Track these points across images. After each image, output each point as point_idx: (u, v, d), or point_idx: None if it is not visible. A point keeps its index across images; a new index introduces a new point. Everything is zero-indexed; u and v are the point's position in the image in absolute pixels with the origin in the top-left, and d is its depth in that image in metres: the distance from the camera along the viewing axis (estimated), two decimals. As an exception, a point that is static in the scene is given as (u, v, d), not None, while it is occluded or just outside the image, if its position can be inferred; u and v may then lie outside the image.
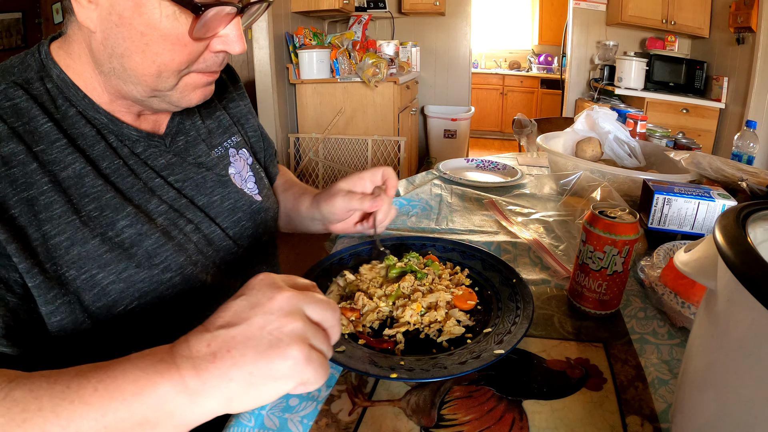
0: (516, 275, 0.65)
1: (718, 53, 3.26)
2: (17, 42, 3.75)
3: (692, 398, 0.33)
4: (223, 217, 0.64)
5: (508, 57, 6.04)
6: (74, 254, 0.48)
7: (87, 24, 0.48)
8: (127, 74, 0.51)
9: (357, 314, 0.59)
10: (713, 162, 0.91)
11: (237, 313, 0.36)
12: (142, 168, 0.57)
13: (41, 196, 0.47)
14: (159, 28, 0.47)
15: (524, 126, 1.87)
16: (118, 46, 0.49)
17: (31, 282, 0.45)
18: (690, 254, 0.36)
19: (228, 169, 0.67)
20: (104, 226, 0.51)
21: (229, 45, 0.52)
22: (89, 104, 0.54)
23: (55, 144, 0.50)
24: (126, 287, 0.51)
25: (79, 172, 0.51)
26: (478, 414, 0.47)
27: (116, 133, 0.56)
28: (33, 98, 0.51)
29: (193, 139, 0.65)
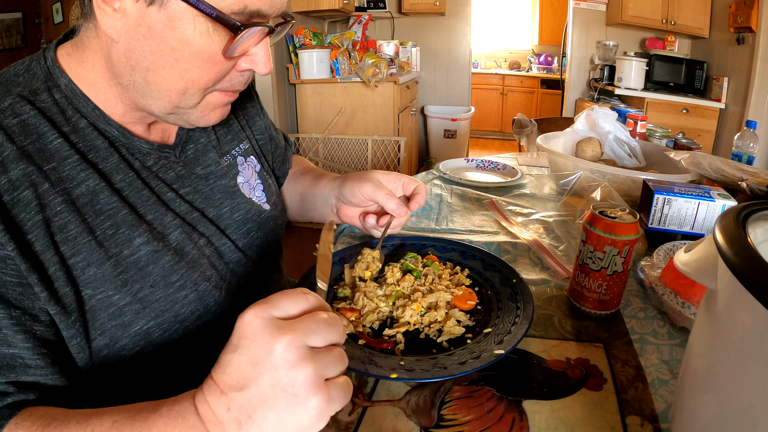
0: (516, 275, 0.65)
1: (718, 53, 3.26)
2: (17, 42, 3.75)
3: (692, 398, 0.33)
4: (233, 229, 0.63)
5: (508, 57, 6.04)
6: (90, 275, 0.47)
7: (110, 33, 0.46)
8: (149, 88, 0.49)
9: (357, 314, 0.59)
10: (713, 162, 0.91)
11: (241, 372, 0.34)
12: (155, 181, 0.55)
13: (55, 217, 0.46)
14: (191, 44, 0.46)
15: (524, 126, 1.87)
16: (143, 59, 0.47)
17: (53, 309, 0.44)
18: (690, 254, 0.36)
19: (236, 178, 0.66)
20: (120, 244, 0.50)
21: (256, 65, 0.51)
22: (100, 116, 0.52)
23: (67, 161, 0.48)
24: (142, 307, 0.50)
25: (93, 188, 0.49)
26: (478, 414, 0.47)
27: (127, 146, 0.54)
28: (41, 112, 0.48)
29: (203, 147, 0.63)
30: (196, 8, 0.44)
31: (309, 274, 0.66)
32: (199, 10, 0.44)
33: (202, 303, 0.55)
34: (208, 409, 0.35)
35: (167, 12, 0.44)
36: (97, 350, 0.48)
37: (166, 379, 0.54)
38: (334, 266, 0.69)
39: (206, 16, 0.44)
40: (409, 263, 0.66)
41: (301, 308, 0.38)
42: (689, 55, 3.54)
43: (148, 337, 0.51)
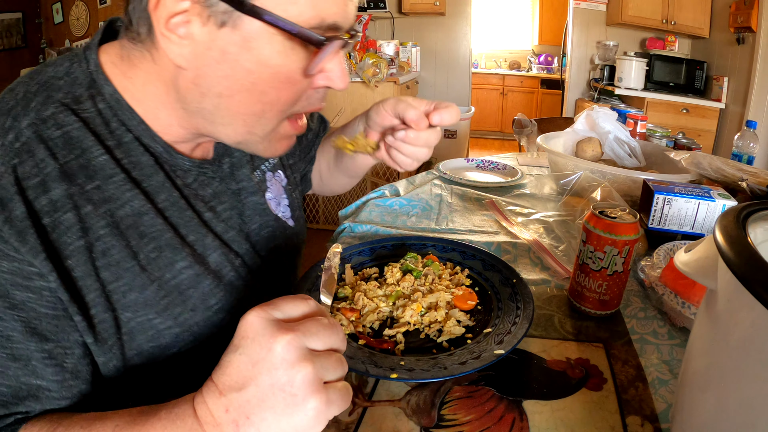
0: (516, 275, 0.65)
1: (718, 53, 3.26)
2: (17, 42, 3.76)
3: (692, 398, 0.33)
4: (262, 246, 0.62)
5: (508, 57, 6.04)
6: (131, 299, 0.46)
7: (178, 61, 0.43)
8: (220, 115, 0.46)
9: (357, 314, 0.59)
10: (713, 162, 0.91)
11: (240, 372, 0.34)
12: (195, 200, 0.53)
13: (98, 241, 0.44)
14: (270, 65, 0.43)
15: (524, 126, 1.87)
16: (216, 85, 0.44)
17: (89, 338, 0.44)
18: (690, 254, 0.36)
19: (266, 194, 0.65)
20: (162, 268, 0.48)
21: (333, 80, 0.48)
22: (146, 131, 0.49)
23: (112, 179, 0.45)
24: (182, 331, 0.49)
25: (138, 209, 0.47)
26: (478, 414, 0.47)
27: (170, 164, 0.51)
28: (84, 123, 0.45)
29: (238, 161, 0.61)
30: (274, 26, 0.41)
31: (306, 276, 0.66)
32: (278, 27, 0.41)
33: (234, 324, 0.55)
34: (207, 411, 0.35)
35: (241, 33, 0.42)
36: (131, 367, 0.48)
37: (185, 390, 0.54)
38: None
39: (285, 33, 0.42)
40: (409, 263, 0.66)
41: (302, 312, 0.38)
42: (689, 55, 3.54)
43: (183, 358, 0.51)
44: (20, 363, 0.41)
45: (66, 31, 3.92)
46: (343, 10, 0.45)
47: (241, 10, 0.41)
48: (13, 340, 0.40)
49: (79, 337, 0.44)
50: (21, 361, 0.41)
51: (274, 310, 0.36)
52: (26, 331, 0.41)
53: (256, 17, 0.41)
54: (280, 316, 0.36)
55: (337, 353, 0.37)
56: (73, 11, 3.85)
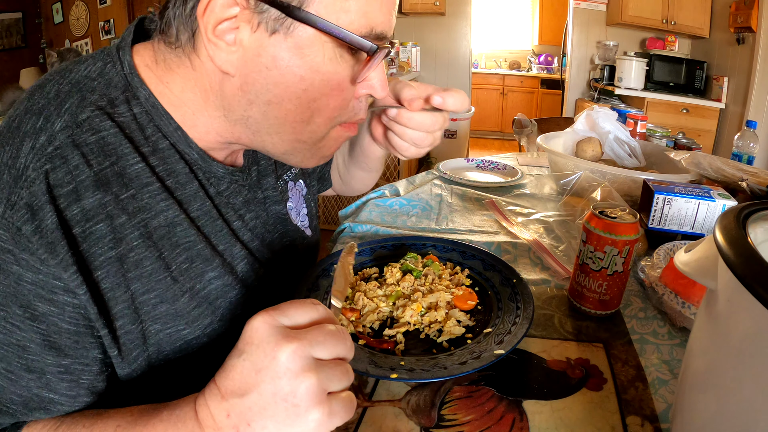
0: (516, 275, 0.65)
1: (718, 53, 3.26)
2: (17, 42, 3.75)
3: (692, 398, 0.33)
4: (281, 256, 0.62)
5: (508, 57, 6.04)
6: (161, 311, 0.45)
7: (226, 68, 0.43)
8: (267, 123, 0.46)
9: (357, 314, 0.59)
10: (713, 162, 0.91)
11: (244, 378, 0.34)
12: (226, 209, 0.53)
13: (130, 252, 0.43)
14: (321, 72, 0.43)
15: (524, 126, 1.87)
16: (265, 92, 0.44)
17: (113, 351, 0.43)
18: (690, 254, 0.36)
19: (287, 204, 0.65)
20: (193, 278, 0.48)
21: (374, 89, 0.49)
22: (182, 137, 0.48)
23: (147, 188, 0.44)
24: (209, 342, 0.49)
25: (172, 220, 0.46)
26: (478, 414, 0.47)
27: (204, 171, 0.51)
28: (120, 128, 0.44)
29: (264, 169, 0.61)
30: (327, 33, 0.41)
31: (307, 276, 0.66)
32: (331, 35, 0.42)
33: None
34: (208, 414, 0.35)
35: (294, 40, 0.42)
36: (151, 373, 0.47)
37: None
38: (334, 265, 0.69)
39: (336, 40, 0.42)
40: (409, 263, 0.66)
41: (310, 318, 0.37)
42: (689, 55, 3.54)
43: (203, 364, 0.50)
44: (34, 375, 0.40)
45: (66, 31, 3.92)
46: (389, 20, 0.46)
47: (295, 18, 0.40)
48: (30, 351, 0.40)
49: (99, 354, 0.43)
50: (35, 373, 0.40)
51: (281, 315, 0.36)
52: (44, 343, 0.40)
53: (309, 24, 0.41)
54: (287, 323, 0.36)
55: (343, 362, 0.37)
56: (73, 11, 3.85)
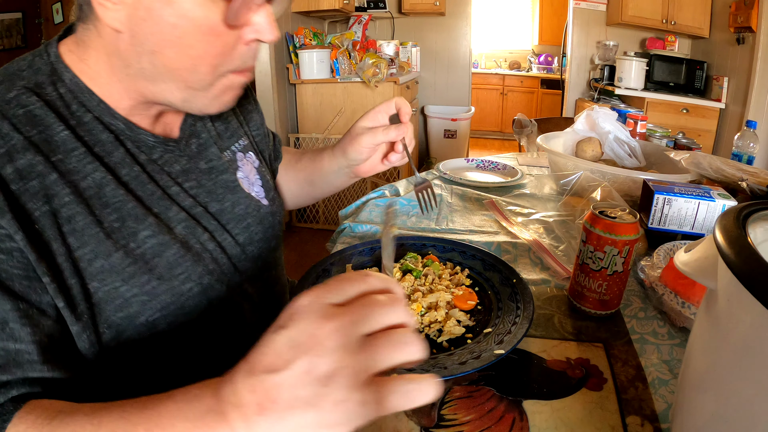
0: (516, 275, 0.65)
1: (718, 53, 3.26)
2: (17, 42, 3.75)
3: (692, 398, 0.33)
4: (234, 224, 0.63)
5: (508, 57, 6.04)
6: (97, 267, 0.47)
7: (115, 25, 0.46)
8: (158, 72, 0.49)
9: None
10: (713, 162, 0.91)
11: (278, 353, 0.32)
12: (160, 175, 0.55)
13: (63, 208, 0.46)
14: (191, 18, 0.45)
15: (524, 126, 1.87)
16: (147, 42, 0.47)
17: (60, 302, 0.44)
18: (690, 254, 0.36)
19: (237, 173, 0.66)
20: (126, 237, 0.50)
21: (261, 33, 0.50)
22: (105, 109, 0.52)
23: (73, 153, 0.48)
24: (149, 299, 0.50)
25: (99, 181, 0.49)
26: (478, 414, 0.47)
27: (133, 140, 0.54)
28: (47, 104, 0.48)
29: (205, 142, 0.63)
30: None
31: (307, 276, 0.66)
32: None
33: (205, 296, 0.56)
34: (231, 390, 0.33)
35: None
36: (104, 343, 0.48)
37: (169, 371, 0.54)
38: (335, 266, 0.69)
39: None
40: (409, 263, 0.66)
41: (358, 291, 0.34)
42: (689, 55, 3.54)
43: (153, 329, 0.51)
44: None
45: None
46: None
47: None
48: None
49: (51, 300, 0.44)
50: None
51: (328, 293, 0.34)
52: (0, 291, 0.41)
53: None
54: (334, 300, 0.33)
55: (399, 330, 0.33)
56: (73, 11, 3.85)
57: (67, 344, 0.46)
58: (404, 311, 0.34)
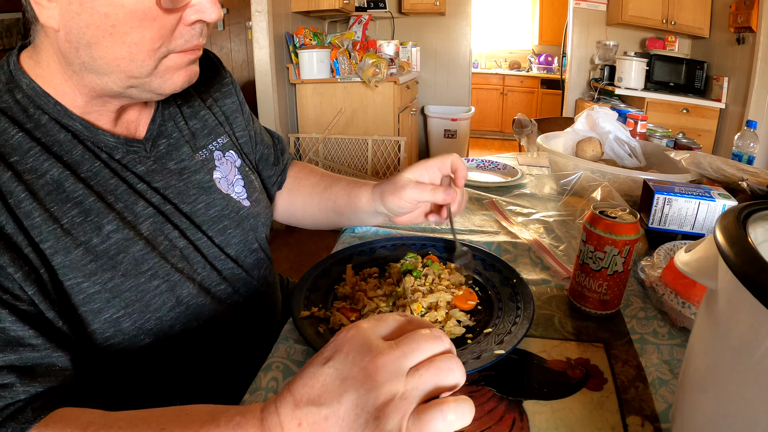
0: (516, 275, 0.65)
1: (718, 53, 3.26)
2: (17, 42, 3.75)
3: (693, 398, 0.33)
4: (209, 225, 0.62)
5: (509, 57, 6.04)
6: (57, 262, 0.47)
7: (50, 24, 0.46)
8: (98, 64, 0.48)
9: (357, 314, 0.59)
10: (714, 162, 0.91)
11: (327, 387, 0.32)
12: (124, 172, 0.55)
13: (21, 204, 0.46)
14: (123, 5, 0.44)
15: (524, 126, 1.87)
16: (83, 36, 0.46)
17: (30, 289, 0.44)
18: (690, 254, 0.36)
19: (213, 173, 0.64)
20: (89, 232, 0.49)
21: (203, 12, 0.48)
22: (62, 111, 0.51)
23: (29, 153, 0.48)
24: (112, 297, 0.50)
25: (57, 177, 0.49)
26: (478, 414, 0.47)
27: (92, 140, 0.53)
28: (2, 112, 0.49)
29: (176, 142, 0.62)
30: None
31: (308, 274, 0.66)
32: None
33: (173, 294, 0.55)
34: (277, 422, 0.33)
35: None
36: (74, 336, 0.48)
37: (141, 367, 0.54)
38: (335, 266, 0.69)
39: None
40: (409, 263, 0.66)
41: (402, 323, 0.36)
42: (689, 55, 3.54)
43: (117, 326, 0.51)
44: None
45: (66, 31, 3.92)
46: None
47: None
48: None
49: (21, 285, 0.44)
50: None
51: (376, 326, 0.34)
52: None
53: None
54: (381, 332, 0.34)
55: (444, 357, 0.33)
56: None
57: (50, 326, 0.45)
58: (446, 340, 0.34)
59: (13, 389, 0.39)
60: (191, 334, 0.57)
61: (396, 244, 0.75)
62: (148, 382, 0.56)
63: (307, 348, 0.55)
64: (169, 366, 0.56)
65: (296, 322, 0.56)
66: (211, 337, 0.59)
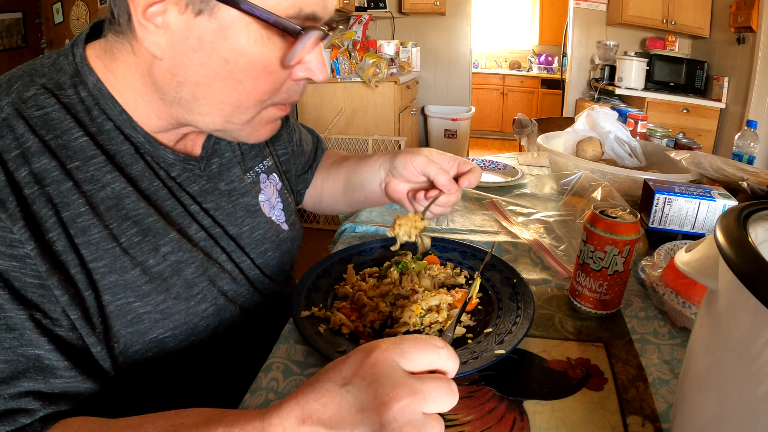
0: (517, 275, 0.65)
1: (718, 53, 3.26)
2: (17, 42, 3.75)
3: (693, 398, 0.33)
4: (252, 248, 0.61)
5: (509, 57, 6.04)
6: (110, 281, 0.45)
7: (153, 50, 0.43)
8: (197, 104, 0.46)
9: (357, 314, 0.59)
10: (714, 162, 0.91)
11: (340, 411, 0.31)
12: (180, 193, 0.53)
13: (78, 218, 0.43)
14: (246, 54, 0.43)
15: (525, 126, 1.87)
16: (193, 74, 0.44)
17: (74, 314, 0.43)
18: (691, 254, 0.36)
19: (258, 196, 0.64)
20: (146, 252, 0.48)
21: (313, 72, 0.48)
22: (126, 120, 0.49)
23: (92, 161, 0.46)
24: (161, 318, 0.49)
25: (119, 192, 0.47)
26: (478, 414, 0.47)
27: (152, 155, 0.51)
28: (65, 107, 0.46)
29: (228, 162, 0.61)
30: (251, 15, 0.41)
31: (309, 274, 0.66)
32: (254, 16, 0.41)
33: (219, 317, 0.55)
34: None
35: (218, 21, 0.42)
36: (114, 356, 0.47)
37: (175, 386, 0.54)
38: (335, 266, 0.69)
39: (262, 22, 0.42)
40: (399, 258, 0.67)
41: (429, 364, 0.34)
42: (690, 55, 3.54)
43: (161, 346, 0.50)
44: (15, 333, 0.39)
45: (66, 31, 3.92)
46: (323, 1, 0.45)
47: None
48: (5, 309, 0.39)
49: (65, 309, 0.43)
50: (16, 331, 0.39)
51: (401, 356, 0.33)
52: (14, 299, 0.40)
53: (232, 5, 0.41)
54: (406, 366, 0.33)
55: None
56: (73, 11, 3.85)
57: (85, 353, 0.44)
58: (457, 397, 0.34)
59: (34, 414, 0.39)
60: (225, 355, 0.58)
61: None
62: (155, 385, 0.55)
63: (307, 348, 0.55)
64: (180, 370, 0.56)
65: (296, 322, 0.56)
66: (229, 344, 0.59)
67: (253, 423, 0.33)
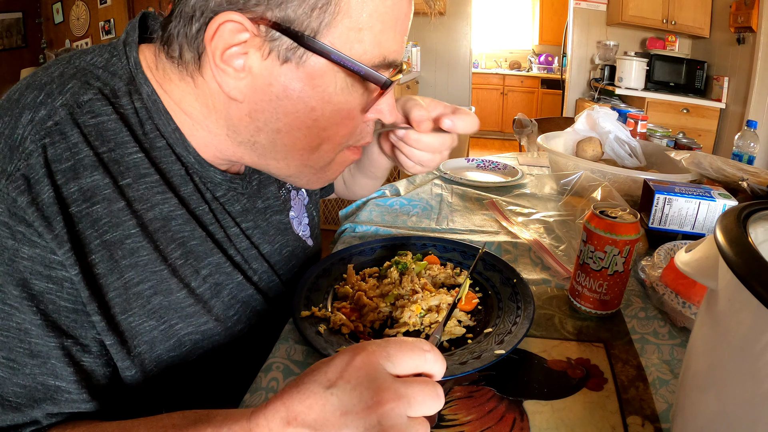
0: (517, 275, 0.65)
1: (718, 53, 3.26)
2: (17, 42, 3.75)
3: (693, 398, 0.33)
4: (281, 266, 0.62)
5: (509, 57, 6.04)
6: (155, 303, 0.44)
7: (233, 95, 0.42)
8: (275, 149, 0.45)
9: (357, 314, 0.59)
10: (714, 162, 0.91)
11: (325, 413, 0.31)
12: (222, 215, 0.52)
13: (127, 239, 0.42)
14: (333, 102, 0.43)
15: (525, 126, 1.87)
16: (275, 121, 0.43)
17: (109, 340, 0.42)
18: (691, 254, 0.36)
19: (289, 213, 0.64)
20: (188, 275, 0.47)
21: (384, 114, 0.49)
22: (179, 139, 0.47)
23: (144, 179, 0.44)
24: (201, 339, 0.49)
25: (167, 214, 0.45)
26: (478, 414, 0.47)
27: (201, 175, 0.50)
28: (121, 118, 0.43)
29: (267, 178, 0.60)
30: (340, 65, 0.41)
31: (309, 274, 0.66)
32: (343, 66, 0.41)
33: (251, 336, 0.55)
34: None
35: (306, 70, 0.41)
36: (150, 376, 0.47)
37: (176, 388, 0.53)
38: (336, 266, 0.69)
39: (348, 71, 0.42)
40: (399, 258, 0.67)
41: (415, 367, 0.34)
42: (689, 55, 3.54)
43: (198, 365, 0.50)
44: (38, 360, 0.38)
45: (66, 31, 3.92)
46: (402, 47, 0.45)
47: (308, 48, 0.40)
48: (31, 334, 0.38)
49: (97, 335, 0.42)
50: (39, 358, 0.38)
51: (386, 360, 0.33)
52: (45, 324, 0.38)
53: (323, 55, 0.40)
54: (391, 369, 0.33)
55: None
56: (73, 11, 3.85)
57: (107, 378, 0.44)
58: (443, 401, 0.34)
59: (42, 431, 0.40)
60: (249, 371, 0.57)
61: (396, 244, 0.75)
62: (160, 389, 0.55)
63: (307, 348, 0.55)
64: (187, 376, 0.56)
65: (296, 322, 0.56)
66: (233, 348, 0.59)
67: (240, 423, 0.33)
